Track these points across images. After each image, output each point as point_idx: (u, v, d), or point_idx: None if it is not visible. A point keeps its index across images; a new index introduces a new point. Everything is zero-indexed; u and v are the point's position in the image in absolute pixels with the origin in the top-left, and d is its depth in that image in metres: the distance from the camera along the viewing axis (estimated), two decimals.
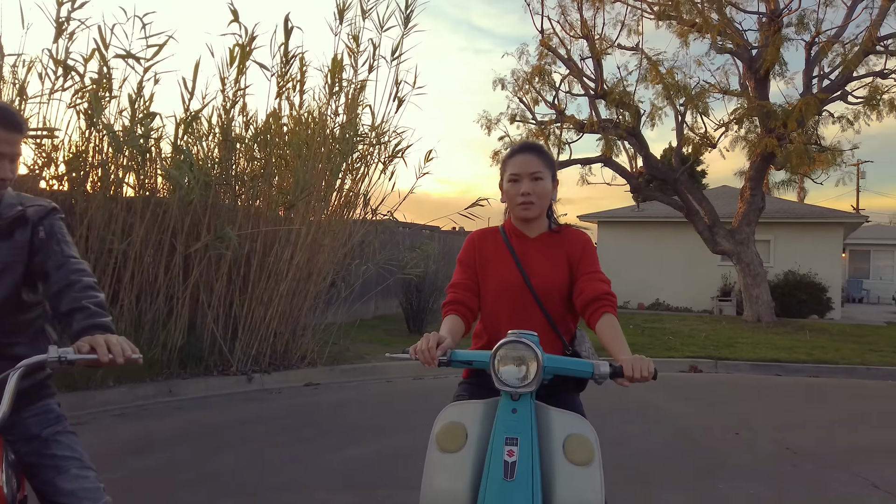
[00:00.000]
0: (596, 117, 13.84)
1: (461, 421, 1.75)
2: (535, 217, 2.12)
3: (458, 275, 2.17)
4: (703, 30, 12.19)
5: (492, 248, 2.16)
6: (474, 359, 1.78)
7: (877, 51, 11.83)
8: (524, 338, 1.70)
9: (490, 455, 1.63)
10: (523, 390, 1.67)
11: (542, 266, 2.10)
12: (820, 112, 12.35)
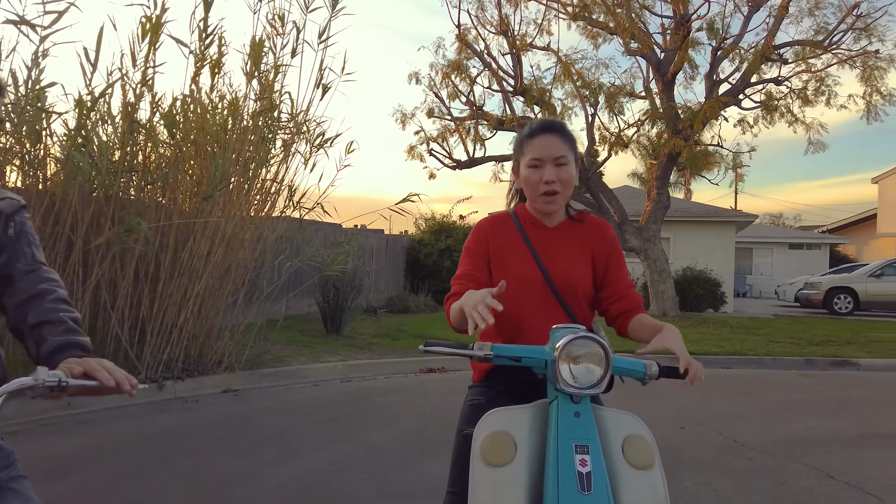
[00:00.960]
0: (511, 114, 13.89)
1: (508, 430, 1.50)
2: (558, 209, 1.89)
3: (466, 265, 1.90)
4: (616, 32, 12.48)
5: (506, 237, 1.91)
6: (525, 354, 1.53)
7: (772, 59, 12.57)
8: (588, 333, 1.48)
9: (558, 466, 1.39)
10: (591, 392, 1.45)
11: (565, 261, 1.87)
12: (716, 116, 12.98)
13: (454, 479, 1.82)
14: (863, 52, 12.07)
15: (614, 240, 1.94)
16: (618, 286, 1.90)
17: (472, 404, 1.87)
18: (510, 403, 1.83)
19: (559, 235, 1.91)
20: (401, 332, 10.98)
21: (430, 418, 5.14)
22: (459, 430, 1.85)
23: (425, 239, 17.67)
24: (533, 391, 1.82)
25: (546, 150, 1.81)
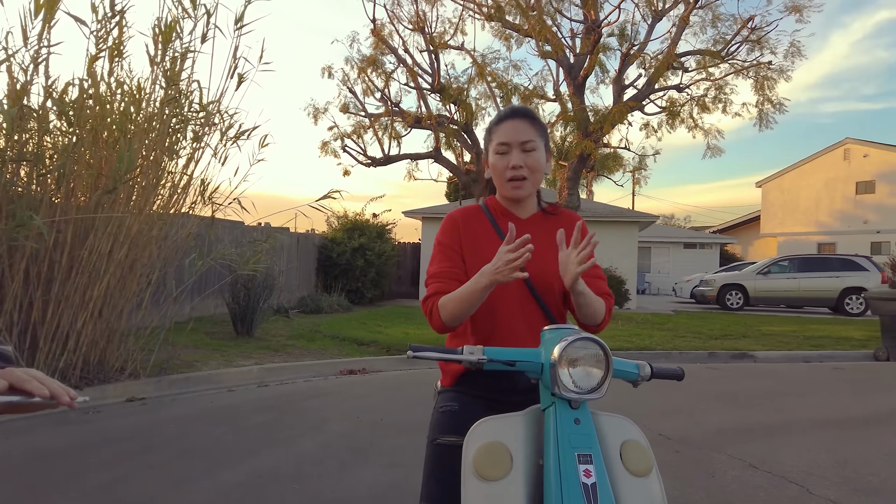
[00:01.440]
0: (426, 112, 13.81)
1: (502, 440, 1.39)
2: (527, 195, 1.81)
3: (441, 261, 1.78)
4: (530, 35, 12.67)
5: (478, 229, 1.81)
6: (520, 358, 1.43)
7: (674, 66, 13.18)
8: (588, 334, 1.40)
9: (560, 477, 1.29)
10: (592, 397, 1.36)
11: (540, 254, 1.78)
12: (623, 120, 13.47)
13: (430, 491, 1.69)
14: (756, 63, 12.89)
15: (586, 229, 1.88)
16: (592, 284, 1.82)
17: (444, 411, 1.75)
18: (484, 408, 1.74)
19: (532, 228, 1.83)
20: (316, 332, 10.66)
21: (360, 422, 4.96)
22: (431, 438, 1.73)
23: (338, 237, 17.30)
24: (508, 395, 1.74)
25: (512, 135, 1.75)
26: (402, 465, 3.90)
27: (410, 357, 1.44)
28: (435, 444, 1.70)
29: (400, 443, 4.39)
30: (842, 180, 30.91)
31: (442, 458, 1.68)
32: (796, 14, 12.55)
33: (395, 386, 6.61)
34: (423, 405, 5.61)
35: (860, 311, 17.38)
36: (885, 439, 4.76)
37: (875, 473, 3.92)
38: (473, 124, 13.25)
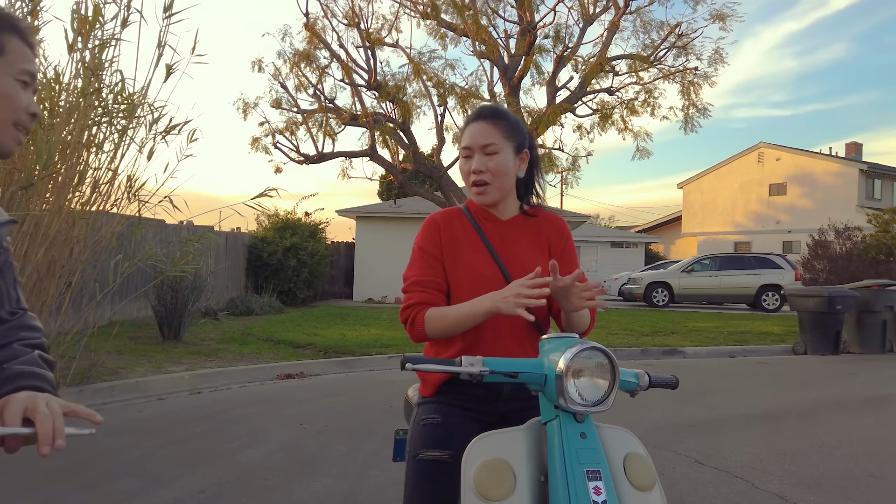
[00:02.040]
0: (362, 109, 13.59)
1: (504, 457, 1.31)
2: (491, 202, 1.75)
3: (421, 268, 1.71)
4: (468, 34, 12.67)
5: (460, 232, 1.75)
6: (522, 369, 1.35)
7: (606, 70, 13.48)
8: (594, 343, 1.33)
9: (570, 496, 1.22)
10: (599, 409, 1.30)
11: (523, 257, 1.74)
12: (556, 122, 13.69)
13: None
14: (683, 68, 13.35)
15: (570, 235, 1.84)
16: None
17: (426, 424, 1.66)
18: (468, 419, 1.66)
19: (514, 230, 1.78)
20: (248, 335, 10.30)
21: (304, 429, 4.77)
22: (414, 454, 1.63)
23: (269, 237, 16.82)
24: (492, 404, 1.68)
25: (473, 139, 1.70)
26: (353, 473, 3.76)
27: (410, 369, 1.34)
28: (418, 459, 1.61)
29: (348, 450, 4.24)
30: (756, 182, 32.57)
31: (426, 474, 1.59)
32: (720, 22, 13.07)
33: (336, 391, 6.43)
34: (367, 410, 5.47)
35: (776, 306, 18.32)
36: (816, 432, 4.98)
37: (814, 466, 4.08)
38: (410, 123, 13.13)
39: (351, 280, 20.03)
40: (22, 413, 0.90)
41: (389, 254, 18.83)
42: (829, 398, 6.40)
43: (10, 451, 0.90)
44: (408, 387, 2.08)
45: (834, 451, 4.43)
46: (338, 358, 8.42)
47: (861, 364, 8.97)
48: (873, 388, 6.99)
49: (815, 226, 25.52)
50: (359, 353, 8.65)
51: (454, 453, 1.59)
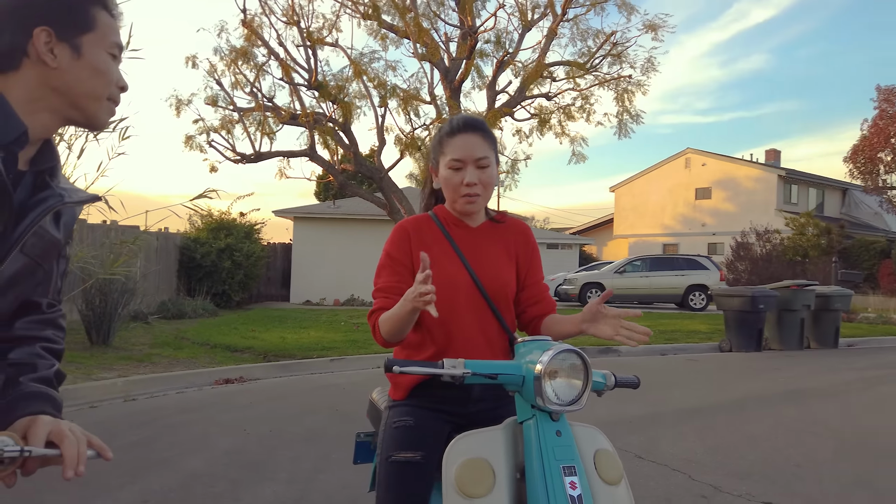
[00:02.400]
0: (301, 108, 13.40)
1: (484, 456, 1.37)
2: (479, 210, 1.82)
3: (389, 276, 1.75)
4: (410, 36, 12.69)
5: (430, 239, 1.79)
6: (501, 371, 1.40)
7: (544, 76, 13.76)
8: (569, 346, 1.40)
9: (548, 490, 1.29)
10: (573, 408, 1.36)
11: (492, 263, 1.80)
12: (496, 125, 13.89)
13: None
14: (618, 76, 13.78)
15: (535, 242, 1.91)
16: (536, 289, 1.88)
17: (399, 426, 1.69)
18: (438, 422, 1.70)
19: (483, 236, 1.84)
20: (182, 339, 10.01)
21: (247, 435, 4.69)
22: (386, 456, 1.65)
23: (202, 237, 16.35)
24: (462, 405, 1.72)
25: (467, 151, 1.72)
26: (302, 478, 3.73)
27: (397, 372, 1.36)
28: (391, 461, 1.63)
29: (295, 455, 4.19)
30: (683, 187, 33.88)
31: (399, 476, 1.61)
32: (652, 32, 13.55)
33: (278, 395, 6.34)
34: (312, 414, 5.41)
35: (702, 305, 19.12)
36: (745, 425, 5.25)
37: (744, 458, 4.30)
38: (350, 123, 13.04)
39: (288, 282, 19.70)
40: (46, 435, 0.92)
41: (328, 255, 18.64)
42: (755, 393, 6.75)
43: (27, 472, 0.91)
44: (361, 389, 2.10)
45: (761, 443, 4.69)
46: (278, 362, 8.29)
47: (782, 360, 9.48)
48: (794, 383, 7.41)
49: (738, 228, 26.79)
50: (300, 357, 8.54)
51: (426, 454, 1.63)
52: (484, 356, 1.70)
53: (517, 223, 1.91)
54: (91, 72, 1.05)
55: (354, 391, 6.49)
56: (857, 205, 34.24)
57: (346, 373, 7.74)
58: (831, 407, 6.09)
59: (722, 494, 3.58)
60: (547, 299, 1.87)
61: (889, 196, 28.10)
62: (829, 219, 29.31)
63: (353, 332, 10.95)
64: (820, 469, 4.11)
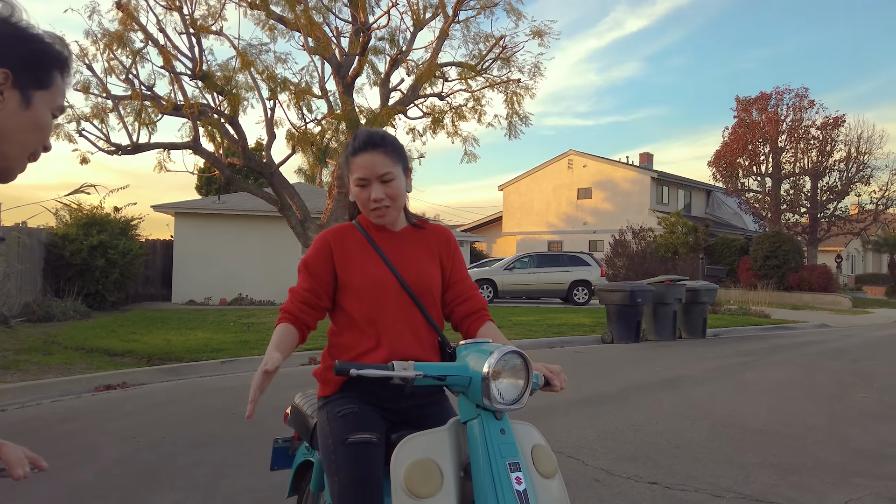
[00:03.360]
0: (184, 99, 12.76)
1: (431, 456, 1.43)
2: (392, 220, 1.89)
3: (303, 280, 1.84)
4: (300, 29, 12.42)
5: (352, 246, 1.86)
6: (448, 373, 1.45)
7: (436, 76, 13.92)
8: (513, 348, 1.47)
9: (496, 486, 1.37)
10: (515, 407, 1.44)
11: (416, 264, 1.89)
12: (389, 122, 13.91)
13: (353, 494, 1.60)
14: (507, 79, 14.19)
15: (456, 243, 1.99)
16: (462, 287, 1.95)
17: (345, 413, 1.74)
18: (377, 413, 1.74)
19: (406, 240, 1.92)
20: (52, 344, 9.27)
21: (138, 444, 4.44)
22: (342, 439, 1.67)
23: (71, 234, 15.17)
24: (394, 401, 1.77)
25: (370, 170, 1.80)
26: (203, 485, 3.60)
27: (353, 375, 1.41)
28: (349, 443, 1.65)
29: (193, 461, 4.04)
30: (566, 187, 35.45)
31: (358, 455, 1.64)
32: (539, 38, 14.06)
33: (167, 400, 6.04)
34: (207, 418, 5.21)
35: (585, 300, 20.12)
36: (629, 412, 5.62)
37: (630, 442, 4.62)
38: (238, 116, 12.57)
39: (169, 281, 18.69)
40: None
41: (213, 252, 17.87)
42: (637, 382, 7.23)
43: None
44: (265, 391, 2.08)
45: (645, 428, 5.05)
46: (163, 365, 7.88)
47: (658, 350, 10.21)
48: (670, 371, 8.01)
49: (616, 227, 28.42)
50: (188, 360, 8.17)
51: (379, 438, 1.68)
52: (414, 352, 1.76)
53: (438, 227, 1.99)
54: (32, 125, 1.07)
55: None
56: (719, 205, 37.30)
57: (239, 375, 7.50)
58: (703, 392, 6.65)
59: (613, 477, 3.83)
60: (475, 296, 1.95)
61: (747, 198, 30.83)
62: (696, 218, 31.72)
63: (244, 333, 10.59)
64: (696, 450, 4.49)
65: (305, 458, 2.18)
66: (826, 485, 3.79)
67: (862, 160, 28.55)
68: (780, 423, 5.31)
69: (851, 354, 9.96)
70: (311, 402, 2.06)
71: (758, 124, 29.70)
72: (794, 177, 29.70)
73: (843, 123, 28.77)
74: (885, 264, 37.58)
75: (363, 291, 1.79)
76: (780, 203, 29.62)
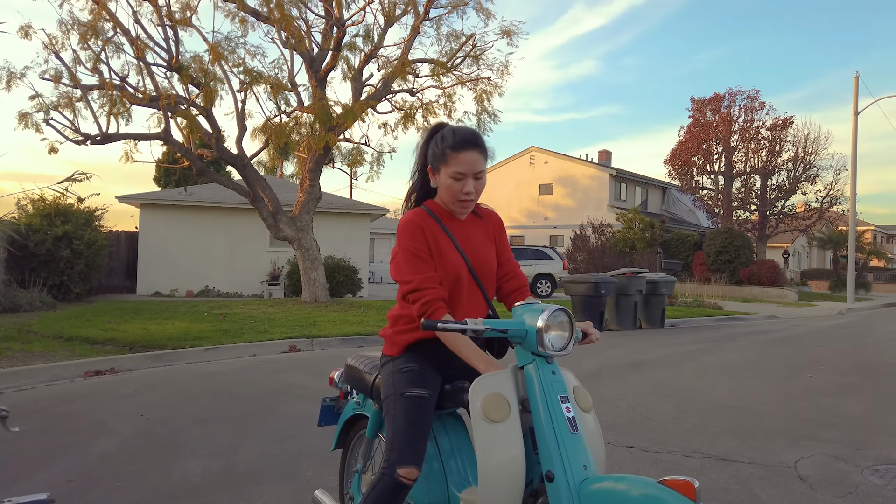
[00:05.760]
0: (156, 90, 12.77)
1: (500, 391, 1.80)
2: (470, 212, 2.19)
3: (425, 270, 2.02)
4: (275, 23, 12.54)
5: (435, 232, 2.10)
6: (510, 327, 1.81)
7: (408, 72, 14.21)
8: (559, 307, 1.83)
9: (550, 414, 1.73)
10: (563, 354, 1.80)
11: (480, 249, 2.18)
12: (360, 117, 14.12)
13: (404, 435, 1.94)
14: (477, 77, 14.57)
15: (504, 226, 2.32)
16: (509, 266, 2.28)
17: (407, 371, 2.06)
18: (435, 370, 2.08)
19: (471, 227, 2.20)
20: (28, 333, 9.28)
21: (148, 420, 4.68)
22: (401, 392, 2.01)
23: (35, 224, 14.96)
24: (451, 359, 2.06)
25: (470, 167, 2.04)
26: (223, 452, 3.88)
27: (440, 329, 1.74)
28: (406, 396, 1.99)
29: (206, 434, 4.30)
30: (528, 183, 36.11)
31: (413, 407, 1.98)
32: (508, 38, 14.49)
33: (162, 383, 6.24)
34: (207, 398, 5.46)
35: (549, 292, 20.71)
36: (602, 390, 6.08)
37: (606, 414, 5.06)
38: (212, 108, 12.64)
39: (133, 272, 18.52)
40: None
41: (180, 244, 17.80)
42: (606, 365, 7.71)
43: None
44: (247, 375, 2.43)
45: (618, 403, 5.50)
46: (147, 352, 8.02)
47: (621, 338, 10.75)
48: (635, 356, 8.53)
49: (576, 222, 29.17)
50: (171, 347, 8.32)
51: (431, 393, 2.01)
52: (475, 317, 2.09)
53: (490, 212, 2.31)
54: None
55: (241, 377, 6.57)
56: (674, 202, 38.49)
57: (224, 361, 7.71)
58: (667, 374, 7.16)
59: None
60: (519, 274, 2.28)
61: (700, 195, 31.95)
62: (652, 214, 32.74)
63: (221, 323, 10.74)
64: (665, 420, 4.96)
65: (356, 413, 2.51)
66: (780, 447, 4.28)
67: (808, 160, 29.89)
68: (738, 399, 5.84)
69: (799, 342, 10.69)
70: (366, 363, 2.40)
71: (711, 124, 30.78)
72: (745, 175, 30.89)
73: (792, 125, 30.06)
74: (829, 260, 39.40)
75: (445, 278, 2.06)
76: (732, 201, 30.80)
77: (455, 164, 2.03)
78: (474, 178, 2.06)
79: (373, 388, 2.31)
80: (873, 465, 3.90)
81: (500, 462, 1.72)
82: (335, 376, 2.74)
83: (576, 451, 1.70)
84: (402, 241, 2.04)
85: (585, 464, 1.73)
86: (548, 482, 1.70)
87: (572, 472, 1.69)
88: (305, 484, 3.36)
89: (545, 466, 1.72)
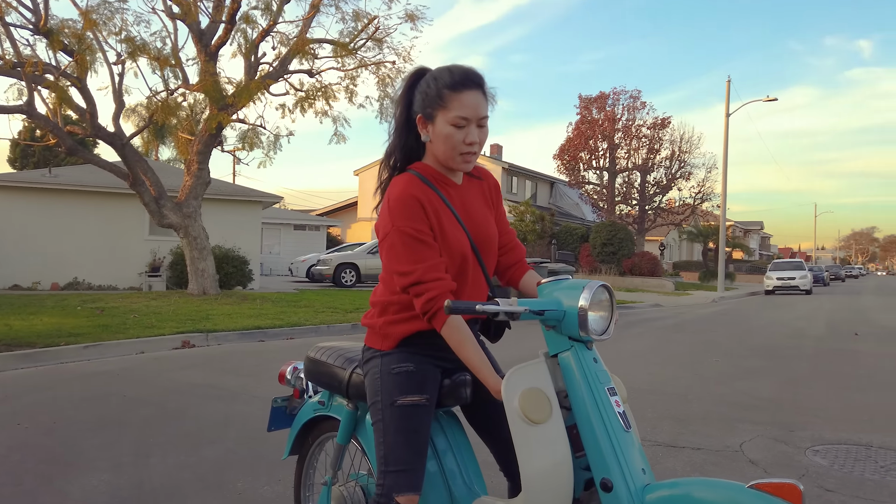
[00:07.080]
0: (16, 55, 11.28)
1: (538, 386, 1.48)
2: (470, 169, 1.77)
3: (428, 255, 1.61)
4: None
5: (437, 206, 1.68)
6: (546, 307, 1.48)
7: (307, 52, 13.51)
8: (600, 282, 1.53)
9: (600, 410, 1.44)
10: (604, 338, 1.51)
11: (479, 219, 1.79)
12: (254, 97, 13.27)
13: (400, 455, 1.60)
14: (381, 61, 14.10)
15: (498, 184, 1.95)
16: (507, 237, 1.90)
17: (399, 372, 1.68)
18: (432, 367, 1.71)
19: (468, 192, 1.80)
20: None
21: (27, 429, 3.95)
22: (391, 401, 1.65)
23: None
24: (449, 352, 1.69)
25: (474, 110, 1.63)
26: (127, 463, 3.30)
27: (464, 311, 1.43)
28: (396, 406, 1.62)
29: (103, 443, 3.68)
30: None
31: (406, 418, 1.63)
32: (412, 22, 14.12)
33: (37, 386, 5.40)
34: (96, 401, 4.77)
35: None
36: None
37: None
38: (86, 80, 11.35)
39: None
40: None
41: (42, 232, 15.99)
42: (519, 357, 7.60)
43: None
44: (138, 374, 2.02)
45: None
46: (12, 351, 6.99)
47: (529, 327, 10.75)
48: (543, 346, 8.50)
49: None
50: (41, 345, 7.30)
51: (429, 397, 1.66)
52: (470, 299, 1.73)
53: (486, 172, 1.91)
54: None
55: (132, 377, 5.84)
56: (562, 196, 39.81)
57: (109, 359, 6.88)
58: None
59: None
60: (518, 245, 1.92)
61: (586, 189, 33.24)
62: (541, 207, 33.63)
63: (99, 317, 9.66)
64: None
65: (318, 414, 2.11)
66: (720, 431, 4.29)
67: (683, 158, 31.88)
68: (661, 384, 5.89)
69: (692, 327, 11.21)
70: (334, 355, 2.01)
71: (597, 122, 32.05)
72: (627, 171, 32.47)
73: (669, 125, 31.91)
74: (698, 252, 42.39)
75: (450, 260, 1.68)
76: (615, 195, 32.27)
77: (456, 106, 1.61)
78: (478, 125, 1.65)
79: (349, 385, 1.92)
80: (812, 445, 3.97)
81: (548, 467, 1.43)
82: (287, 372, 2.32)
83: (632, 453, 1.42)
84: (397, 220, 1.61)
85: (644, 467, 1.46)
86: (604, 492, 1.42)
87: (632, 478, 1.42)
88: (237, 497, 2.90)
89: (599, 473, 1.43)
